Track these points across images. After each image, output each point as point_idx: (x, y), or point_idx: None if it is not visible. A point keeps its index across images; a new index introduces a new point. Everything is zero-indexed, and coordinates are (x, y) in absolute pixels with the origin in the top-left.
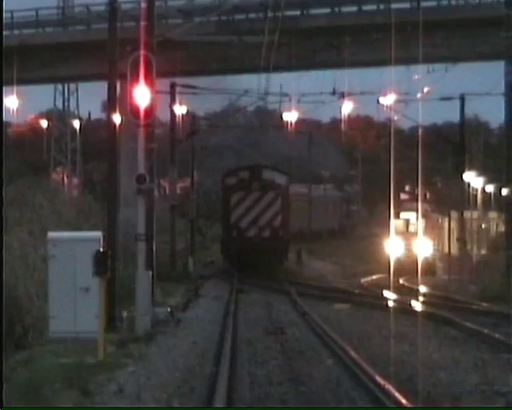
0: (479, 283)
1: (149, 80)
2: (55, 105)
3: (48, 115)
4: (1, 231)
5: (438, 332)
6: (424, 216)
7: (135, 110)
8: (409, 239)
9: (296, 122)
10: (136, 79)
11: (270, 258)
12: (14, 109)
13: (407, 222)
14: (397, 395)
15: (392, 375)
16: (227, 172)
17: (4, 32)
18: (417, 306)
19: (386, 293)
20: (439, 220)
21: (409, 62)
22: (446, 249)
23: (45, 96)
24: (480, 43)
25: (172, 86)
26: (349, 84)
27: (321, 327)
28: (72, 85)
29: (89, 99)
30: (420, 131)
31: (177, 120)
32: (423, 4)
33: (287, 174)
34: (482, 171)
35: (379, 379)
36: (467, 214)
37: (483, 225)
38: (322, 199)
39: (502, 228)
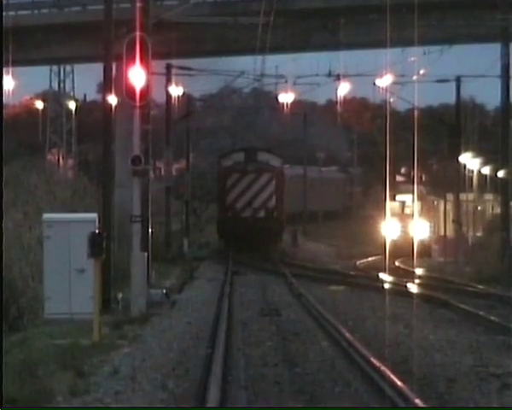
0: (474, 265)
1: (145, 62)
2: (50, 86)
3: (43, 96)
4: (1, 218)
5: (433, 314)
6: (420, 198)
7: (130, 91)
8: (404, 221)
9: (292, 104)
10: (131, 60)
11: (264, 238)
12: (10, 90)
13: (403, 204)
14: (392, 376)
15: (388, 356)
16: (223, 154)
17: None
18: (413, 288)
19: (382, 275)
20: (435, 202)
21: (404, 44)
22: (442, 231)
23: (41, 77)
24: (476, 24)
25: (168, 68)
26: (345, 65)
27: (316, 309)
28: (68, 67)
29: (84, 80)
30: (416, 112)
31: (172, 101)
32: None
33: (281, 156)
34: (478, 153)
35: (374, 360)
36: (462, 196)
37: (479, 207)
38: (325, 181)
39: (497, 210)
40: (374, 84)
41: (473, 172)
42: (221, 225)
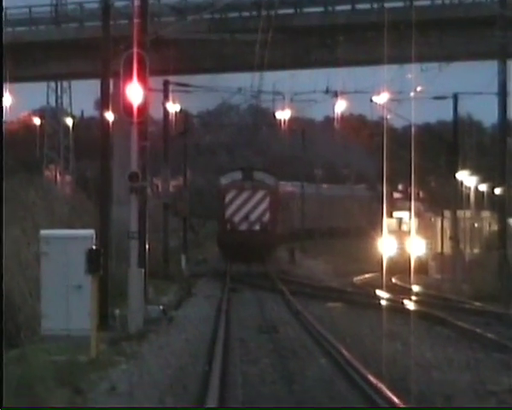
0: (471, 282)
1: (142, 78)
2: (47, 103)
3: (41, 113)
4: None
5: (431, 331)
6: (417, 215)
7: (128, 108)
8: (401, 238)
9: (289, 120)
10: (129, 76)
11: (259, 249)
12: (7, 107)
13: (400, 221)
14: (389, 393)
15: (385, 374)
16: (221, 172)
17: None
18: (410, 305)
19: (379, 292)
20: (432, 219)
21: (402, 61)
22: (439, 248)
23: (38, 93)
24: (474, 42)
25: (165, 84)
26: (342, 82)
27: (313, 326)
28: (65, 83)
29: (82, 97)
30: (413, 130)
31: (170, 118)
32: (417, 3)
33: (275, 175)
34: (475, 170)
35: (371, 378)
36: (460, 213)
37: (476, 224)
38: (350, 198)
39: (495, 227)
40: (371, 101)
41: (470, 189)
42: (220, 237)
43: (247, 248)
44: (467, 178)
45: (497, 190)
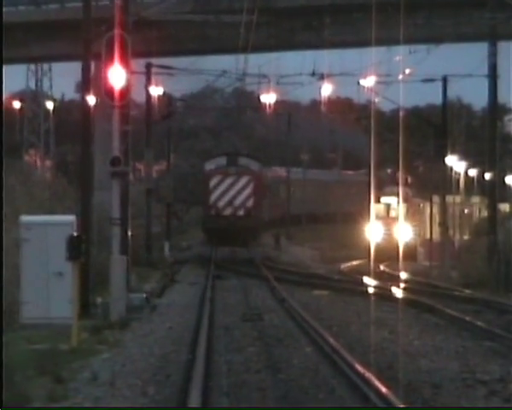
0: (461, 268)
1: (124, 60)
2: (27, 85)
3: (20, 96)
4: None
5: (419, 319)
6: (405, 201)
7: (109, 91)
8: (389, 224)
9: (275, 103)
10: (111, 59)
11: (243, 233)
12: None
13: (388, 207)
14: (376, 382)
15: (372, 362)
16: (206, 158)
17: None
18: (398, 292)
19: (367, 279)
20: (421, 205)
21: (390, 43)
22: (428, 234)
23: (18, 76)
24: (463, 24)
25: (148, 67)
26: (329, 65)
27: (299, 314)
28: (46, 66)
29: (62, 80)
30: (401, 113)
31: (152, 101)
32: None
33: (260, 161)
34: (464, 154)
35: (358, 367)
36: (449, 199)
37: (465, 210)
38: (348, 183)
39: (484, 213)
40: (358, 83)
41: (459, 174)
42: (205, 222)
43: (232, 233)
44: (456, 163)
45: (487, 175)
